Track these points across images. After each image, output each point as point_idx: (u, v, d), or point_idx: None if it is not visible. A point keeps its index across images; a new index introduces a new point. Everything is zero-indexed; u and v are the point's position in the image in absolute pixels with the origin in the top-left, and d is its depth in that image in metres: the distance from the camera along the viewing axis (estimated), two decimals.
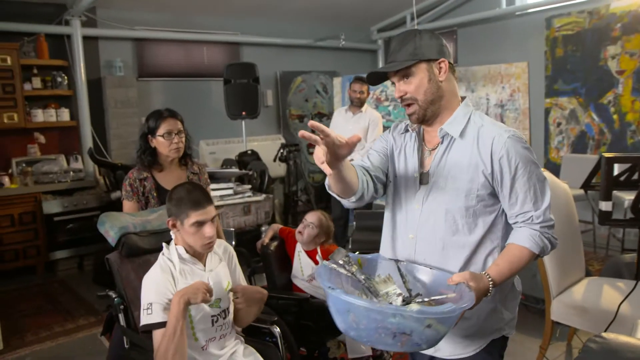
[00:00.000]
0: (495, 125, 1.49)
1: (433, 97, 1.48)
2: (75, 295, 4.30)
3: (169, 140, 2.35)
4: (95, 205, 4.91)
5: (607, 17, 5.08)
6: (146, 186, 2.35)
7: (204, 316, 1.84)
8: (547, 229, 1.46)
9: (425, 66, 1.47)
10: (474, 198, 1.46)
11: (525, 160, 1.44)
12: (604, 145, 5.20)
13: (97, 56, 5.36)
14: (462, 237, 1.49)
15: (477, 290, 1.35)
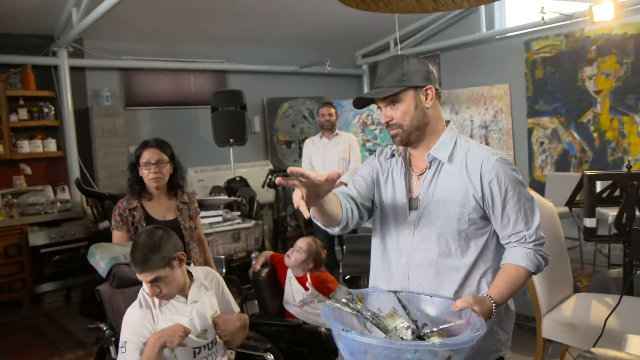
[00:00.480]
0: (482, 149, 1.53)
1: (419, 124, 1.51)
2: (63, 328, 4.22)
3: (147, 169, 2.36)
4: (83, 236, 4.87)
5: (582, 40, 5.25)
6: (135, 216, 2.35)
7: (185, 350, 1.82)
8: (539, 246, 1.50)
9: (412, 93, 1.50)
10: (466, 222, 1.48)
11: (513, 181, 1.47)
12: (586, 163, 5.31)
13: (84, 86, 5.38)
14: (455, 260, 1.50)
15: (482, 313, 1.36)
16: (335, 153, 4.79)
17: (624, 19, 4.85)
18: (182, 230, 2.43)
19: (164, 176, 2.39)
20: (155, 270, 1.75)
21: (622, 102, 5.00)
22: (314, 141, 4.97)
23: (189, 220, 2.48)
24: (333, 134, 4.86)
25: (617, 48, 4.99)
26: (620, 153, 5.06)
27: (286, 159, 7.03)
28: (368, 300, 1.50)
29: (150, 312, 1.81)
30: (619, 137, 5.04)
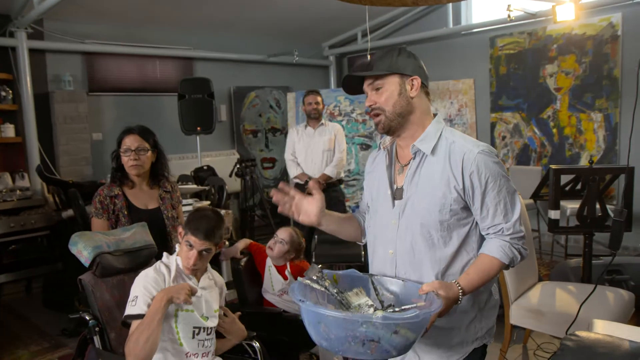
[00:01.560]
0: (466, 141, 1.55)
1: (401, 111, 1.54)
2: (25, 320, 4.09)
3: (126, 157, 2.33)
4: (44, 224, 4.69)
5: (544, 38, 5.45)
6: (117, 204, 2.31)
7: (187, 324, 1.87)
8: (517, 240, 1.51)
9: (397, 80, 1.54)
10: (448, 212, 1.51)
11: (495, 174, 1.49)
12: (545, 158, 5.54)
13: (44, 70, 5.17)
14: (438, 250, 1.53)
15: (446, 298, 1.40)
16: (320, 144, 4.58)
17: (584, 20, 5.07)
18: (165, 219, 2.40)
19: (144, 164, 2.34)
20: (212, 243, 1.91)
21: (580, 99, 5.23)
22: (298, 130, 4.72)
23: (171, 210, 2.46)
24: (318, 123, 4.63)
25: (577, 47, 5.21)
26: (577, 148, 5.30)
27: (252, 149, 7.00)
28: (343, 281, 1.57)
29: (164, 278, 1.87)
30: (577, 133, 5.29)
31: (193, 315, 1.87)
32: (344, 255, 3.72)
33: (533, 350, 3.12)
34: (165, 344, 1.82)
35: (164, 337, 1.81)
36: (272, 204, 4.97)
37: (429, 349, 1.58)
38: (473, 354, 1.60)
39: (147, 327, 1.71)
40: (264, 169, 7.14)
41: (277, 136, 7.26)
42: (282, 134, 7.24)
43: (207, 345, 1.92)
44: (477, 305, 1.58)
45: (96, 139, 5.48)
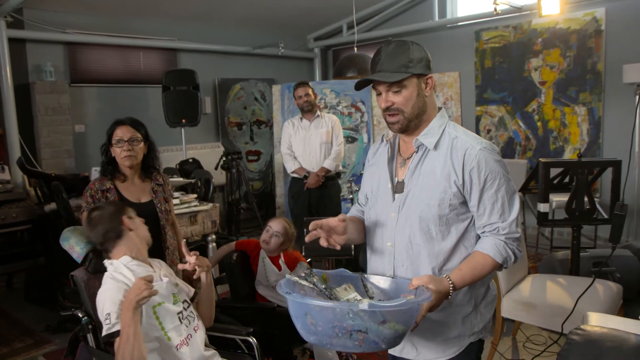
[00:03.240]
0: (469, 137, 1.54)
1: (419, 111, 1.53)
2: (7, 316, 4.00)
3: (119, 148, 2.28)
4: (25, 218, 4.58)
5: (529, 32, 5.49)
6: (109, 197, 2.25)
7: (171, 315, 1.85)
8: (512, 240, 1.50)
9: (415, 81, 1.51)
10: (447, 207, 1.50)
11: (494, 172, 1.48)
12: (529, 151, 5.60)
13: (24, 60, 5.04)
14: (436, 244, 1.53)
15: (436, 292, 1.40)
16: (317, 137, 4.43)
17: (569, 14, 5.12)
18: (158, 213, 2.35)
19: (137, 155, 2.30)
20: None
21: (564, 93, 5.30)
22: (293, 123, 4.55)
23: (164, 203, 2.41)
24: (314, 115, 4.46)
25: (561, 42, 5.27)
26: (561, 142, 5.37)
27: (237, 141, 6.94)
28: (333, 280, 1.54)
29: (125, 284, 1.80)
30: (561, 127, 5.35)
31: (167, 306, 1.85)
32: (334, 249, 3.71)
33: (522, 342, 3.17)
34: (153, 343, 1.79)
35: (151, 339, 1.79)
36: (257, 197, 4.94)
37: (426, 342, 1.59)
38: (469, 348, 1.60)
39: (126, 342, 1.66)
40: (249, 161, 7.08)
41: (262, 129, 7.21)
42: (267, 127, 7.19)
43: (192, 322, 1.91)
44: (473, 300, 1.58)
45: (78, 131, 5.37)
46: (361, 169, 6.07)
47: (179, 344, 1.82)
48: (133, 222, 1.95)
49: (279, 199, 6.45)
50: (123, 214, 1.94)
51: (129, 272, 1.84)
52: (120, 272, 1.84)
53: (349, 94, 6.15)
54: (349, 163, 6.11)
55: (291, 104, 6.14)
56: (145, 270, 1.89)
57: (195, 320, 1.95)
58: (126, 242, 1.91)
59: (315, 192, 4.47)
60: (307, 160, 4.49)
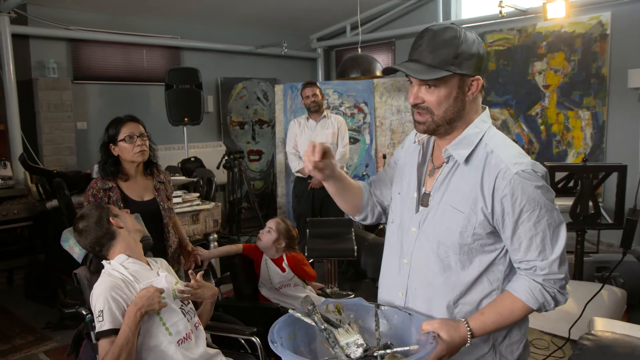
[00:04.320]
0: (508, 153, 1.27)
1: (452, 116, 1.30)
2: (7, 312, 3.99)
3: (131, 143, 2.25)
4: (27, 215, 4.57)
5: (534, 35, 5.48)
6: (112, 196, 2.24)
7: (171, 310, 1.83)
8: (552, 283, 1.25)
9: (457, 81, 1.27)
10: (470, 236, 1.29)
11: (533, 202, 1.23)
12: (532, 154, 5.59)
13: (28, 56, 5.03)
14: (454, 274, 1.32)
15: (449, 342, 1.22)
16: (323, 138, 4.41)
17: (574, 18, 5.11)
18: (161, 210, 2.34)
19: (148, 149, 2.29)
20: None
21: (568, 97, 5.28)
22: (299, 122, 4.54)
23: (166, 201, 2.40)
24: (321, 116, 4.46)
25: (566, 45, 5.26)
26: (564, 146, 5.36)
27: (239, 140, 6.93)
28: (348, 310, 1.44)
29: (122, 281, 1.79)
30: (564, 131, 5.34)
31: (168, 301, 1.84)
32: (337, 249, 3.70)
33: None
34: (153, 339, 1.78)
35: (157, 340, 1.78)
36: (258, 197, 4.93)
37: None
38: None
39: (124, 346, 1.64)
40: (250, 161, 7.07)
41: (264, 128, 7.20)
42: (269, 127, 7.18)
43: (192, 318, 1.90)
44: (491, 339, 1.35)
45: (81, 128, 5.35)
46: (364, 170, 6.06)
47: (181, 339, 1.81)
48: (120, 219, 1.92)
49: (280, 198, 6.44)
50: (108, 215, 1.90)
51: (124, 270, 1.83)
52: (116, 270, 1.83)
53: (351, 94, 6.14)
54: (350, 164, 6.10)
55: (294, 104, 6.12)
56: (142, 267, 1.87)
57: (196, 316, 1.94)
58: (120, 241, 1.89)
59: (319, 192, 4.46)
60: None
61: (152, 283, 1.82)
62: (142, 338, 1.75)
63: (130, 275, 1.80)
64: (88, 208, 1.95)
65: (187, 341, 1.82)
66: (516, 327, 1.36)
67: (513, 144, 1.33)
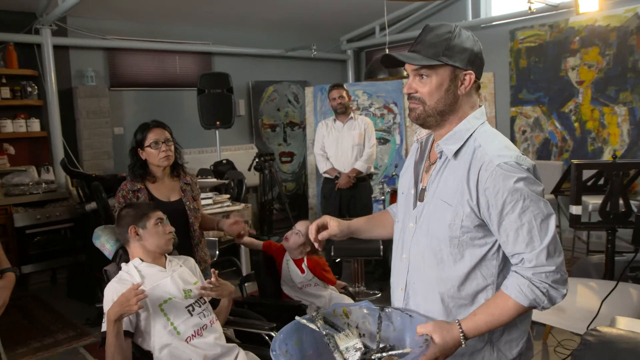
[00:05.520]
0: (494, 147, 1.29)
1: (443, 108, 1.33)
2: (51, 309, 4.20)
3: (156, 149, 2.36)
4: (68, 217, 4.82)
5: (566, 30, 5.36)
6: (140, 197, 2.35)
7: (179, 309, 1.91)
8: (542, 276, 1.22)
9: (448, 73, 1.31)
10: (458, 229, 1.30)
11: (516, 193, 1.23)
12: (566, 152, 5.47)
13: (68, 66, 5.27)
14: (446, 268, 1.34)
15: (442, 344, 1.24)
16: (350, 139, 4.48)
17: (608, 11, 4.97)
18: (187, 211, 2.44)
19: (173, 154, 2.40)
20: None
21: (603, 93, 5.15)
22: (327, 124, 4.62)
23: (192, 201, 2.50)
24: (347, 117, 4.51)
25: (600, 39, 5.12)
26: (600, 143, 5.22)
27: (271, 143, 7.03)
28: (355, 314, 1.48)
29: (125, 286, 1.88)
30: (599, 127, 5.21)
31: (175, 301, 1.92)
32: (363, 249, 3.73)
33: (553, 347, 3.11)
34: (164, 338, 1.86)
35: (162, 335, 1.86)
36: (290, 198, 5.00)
37: None
38: None
39: (109, 347, 1.79)
40: (282, 163, 7.17)
41: (295, 130, 7.28)
42: (300, 129, 7.26)
43: (207, 315, 1.98)
44: (486, 335, 1.33)
45: (117, 133, 5.57)
46: (393, 171, 6.06)
47: (190, 336, 1.89)
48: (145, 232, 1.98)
49: (311, 199, 6.51)
50: (133, 224, 1.99)
51: (136, 273, 1.93)
52: (128, 272, 1.95)
53: (381, 95, 6.15)
54: (381, 164, 6.12)
55: (324, 106, 6.19)
56: (155, 270, 1.96)
57: (211, 314, 2.01)
58: (135, 247, 2.01)
59: (346, 193, 4.51)
60: (339, 161, 4.54)
61: (157, 285, 1.91)
62: (152, 338, 1.86)
63: (139, 278, 1.91)
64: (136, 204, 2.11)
65: (196, 337, 1.89)
66: (517, 322, 1.34)
67: (502, 139, 1.34)
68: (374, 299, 4.07)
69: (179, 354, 1.85)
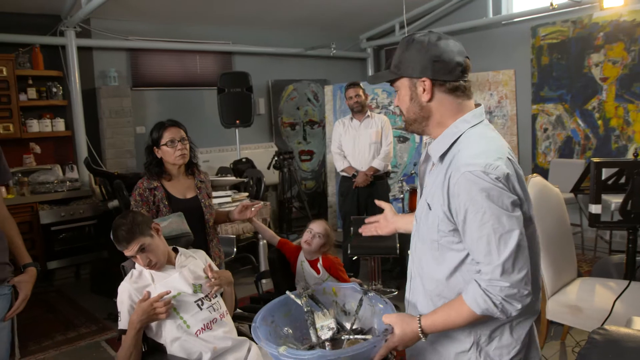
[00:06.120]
0: (468, 153, 1.27)
1: (416, 117, 1.37)
2: (74, 304, 4.32)
3: (172, 147, 2.40)
4: (92, 214, 4.94)
5: (590, 26, 5.26)
6: (157, 195, 2.40)
7: (187, 303, 1.95)
8: (496, 290, 1.22)
9: (407, 84, 1.36)
10: (436, 231, 1.33)
11: (476, 204, 1.21)
12: (589, 150, 5.37)
13: (91, 66, 5.40)
14: (432, 268, 1.38)
15: (400, 335, 1.32)
16: (367, 137, 4.48)
17: (633, 6, 4.86)
18: (203, 207, 2.49)
19: (188, 152, 2.45)
20: (139, 239, 1.92)
21: (628, 89, 5.04)
22: (344, 123, 4.62)
23: (207, 198, 2.54)
24: (364, 116, 4.51)
25: (626, 35, 5.01)
26: (624, 141, 5.11)
27: (290, 141, 7.07)
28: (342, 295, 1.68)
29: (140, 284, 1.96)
30: (624, 125, 5.09)
31: (184, 296, 1.95)
32: (380, 247, 3.72)
33: (572, 347, 3.07)
34: (174, 332, 1.91)
35: (172, 329, 1.91)
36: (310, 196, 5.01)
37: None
38: None
39: (127, 349, 1.86)
40: (302, 161, 7.21)
41: (314, 129, 7.31)
42: (320, 127, 7.29)
43: (217, 309, 2.01)
44: (472, 336, 1.35)
45: (139, 132, 5.67)
46: (412, 169, 6.04)
47: (199, 330, 1.93)
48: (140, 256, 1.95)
49: (330, 198, 6.53)
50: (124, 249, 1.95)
51: (147, 272, 1.99)
52: (139, 271, 2.01)
53: None
54: (400, 163, 6.10)
55: (343, 104, 6.20)
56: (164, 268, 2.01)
57: (222, 308, 2.05)
58: None
59: (364, 191, 4.51)
60: (356, 160, 4.54)
61: (166, 282, 1.96)
62: (164, 332, 1.92)
63: (149, 275, 1.98)
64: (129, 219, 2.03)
65: (205, 331, 1.93)
66: (507, 330, 1.34)
67: (485, 144, 1.30)
68: (390, 296, 4.06)
69: (189, 347, 1.89)
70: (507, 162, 1.26)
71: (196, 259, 2.13)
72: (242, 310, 2.52)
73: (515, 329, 1.35)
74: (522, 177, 1.30)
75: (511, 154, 1.32)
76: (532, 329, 1.40)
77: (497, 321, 1.32)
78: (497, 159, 1.24)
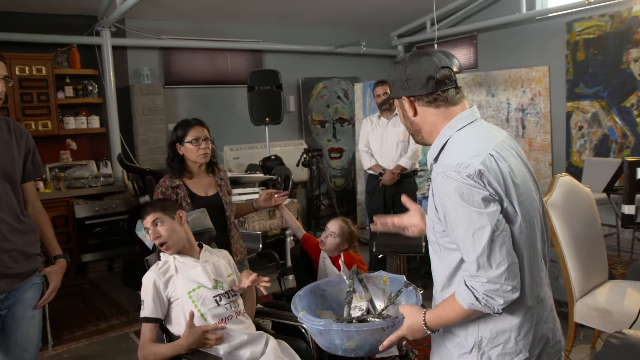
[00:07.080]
0: (447, 154, 1.35)
1: (412, 131, 1.47)
2: (106, 296, 4.45)
3: (196, 146, 2.44)
4: (124, 209, 5.07)
5: (629, 20, 5.08)
6: (179, 193, 2.44)
7: (206, 298, 1.99)
8: (478, 285, 1.25)
9: (397, 103, 1.46)
10: (433, 233, 1.39)
11: (450, 202, 1.27)
12: (627, 149, 5.19)
13: (125, 65, 5.54)
14: (437, 267, 1.44)
15: (409, 326, 1.42)
16: (394, 135, 4.43)
17: None
18: (224, 204, 2.52)
19: (210, 152, 2.49)
20: (157, 212, 2.04)
21: None
22: (372, 121, 4.59)
23: (227, 196, 2.58)
24: (392, 113, 4.44)
25: None
26: None
27: (320, 139, 7.09)
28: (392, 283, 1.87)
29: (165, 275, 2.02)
30: None
31: (203, 290, 1.99)
32: (405, 245, 3.69)
33: None
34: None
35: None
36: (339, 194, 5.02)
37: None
38: None
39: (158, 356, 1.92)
40: (331, 159, 7.21)
41: (344, 126, 7.30)
42: (350, 125, 7.27)
43: (234, 308, 2.04)
44: (472, 338, 1.36)
45: (171, 130, 5.78)
46: None
47: (215, 323, 1.97)
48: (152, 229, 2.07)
49: (359, 195, 6.52)
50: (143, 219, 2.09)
51: (173, 261, 2.05)
52: (164, 261, 2.07)
53: None
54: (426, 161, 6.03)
55: (373, 102, 6.16)
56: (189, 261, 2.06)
57: (239, 307, 2.08)
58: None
59: (391, 189, 4.48)
60: (384, 158, 4.51)
61: (189, 274, 2.02)
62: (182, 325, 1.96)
63: (174, 267, 2.03)
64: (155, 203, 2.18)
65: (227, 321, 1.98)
66: (513, 336, 1.32)
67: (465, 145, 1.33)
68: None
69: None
70: (488, 159, 1.27)
71: (219, 258, 2.16)
72: (264, 305, 2.55)
73: (521, 335, 1.33)
74: (511, 171, 1.29)
75: (500, 149, 1.32)
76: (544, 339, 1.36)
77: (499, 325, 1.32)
78: (473, 156, 1.26)
